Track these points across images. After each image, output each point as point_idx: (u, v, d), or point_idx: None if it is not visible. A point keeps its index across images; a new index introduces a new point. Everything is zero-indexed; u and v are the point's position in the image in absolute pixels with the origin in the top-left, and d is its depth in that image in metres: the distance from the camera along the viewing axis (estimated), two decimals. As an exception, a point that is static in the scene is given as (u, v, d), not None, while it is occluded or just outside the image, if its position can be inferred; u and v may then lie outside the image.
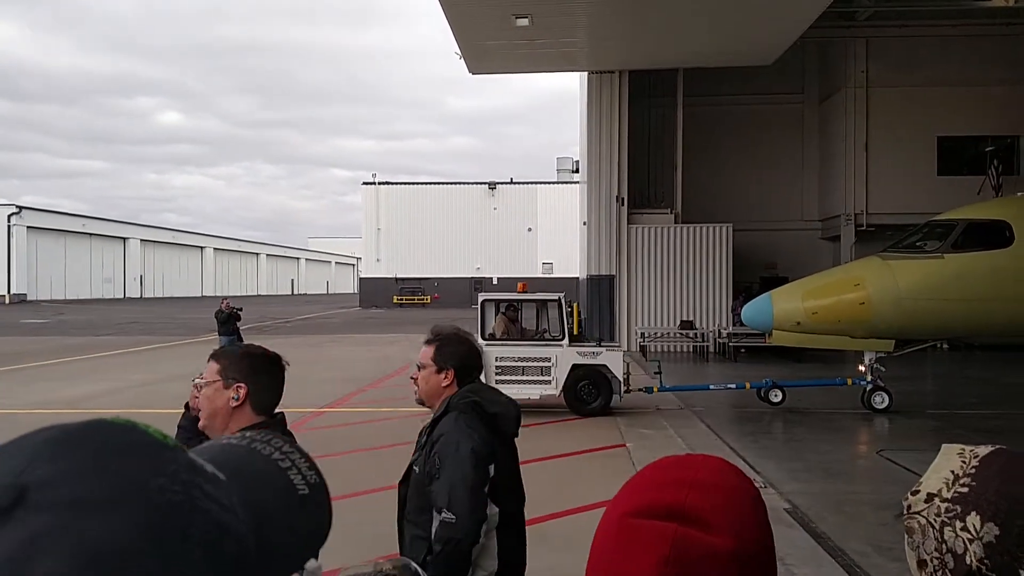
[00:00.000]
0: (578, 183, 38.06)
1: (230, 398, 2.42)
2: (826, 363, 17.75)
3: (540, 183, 70.22)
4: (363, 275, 70.32)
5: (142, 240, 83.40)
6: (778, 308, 12.96)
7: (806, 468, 9.61)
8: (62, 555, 0.50)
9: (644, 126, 25.73)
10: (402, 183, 71.63)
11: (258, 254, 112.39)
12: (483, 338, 13.30)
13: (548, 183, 69.43)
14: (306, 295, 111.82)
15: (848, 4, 23.71)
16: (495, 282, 61.01)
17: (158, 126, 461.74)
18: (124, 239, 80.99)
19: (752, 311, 13.60)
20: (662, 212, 25.28)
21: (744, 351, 21.81)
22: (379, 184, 69.11)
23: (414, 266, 67.36)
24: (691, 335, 23.98)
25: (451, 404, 2.95)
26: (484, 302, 13.80)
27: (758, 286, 22.38)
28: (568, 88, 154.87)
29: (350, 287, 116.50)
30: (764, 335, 14.29)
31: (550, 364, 12.97)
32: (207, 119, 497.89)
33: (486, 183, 69.63)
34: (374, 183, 69.04)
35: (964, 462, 0.99)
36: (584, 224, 26.66)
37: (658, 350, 23.50)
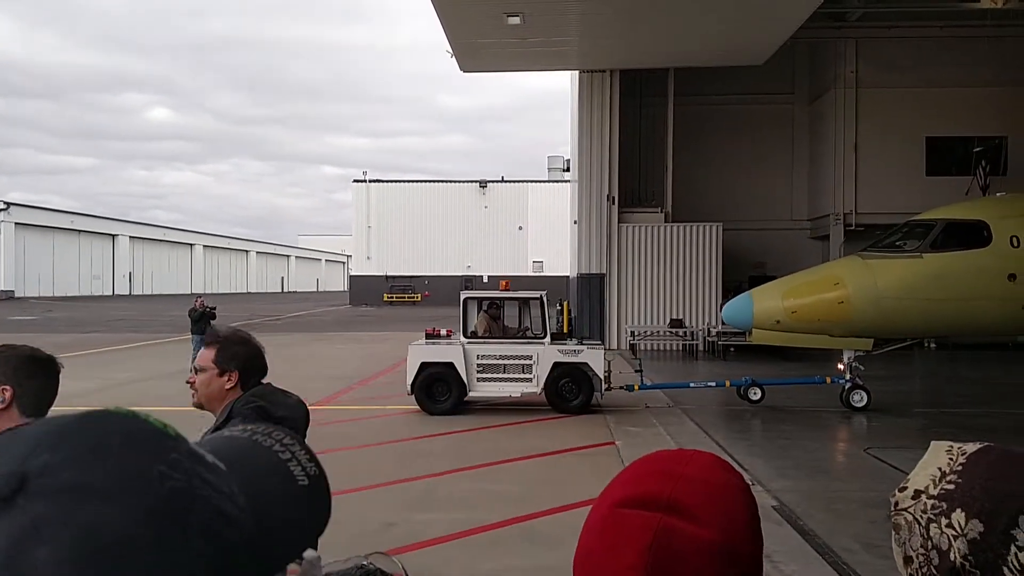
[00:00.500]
0: (569, 182, 38.09)
1: None
2: (814, 362, 17.83)
3: (531, 182, 70.33)
4: (353, 273, 70.15)
5: (131, 237, 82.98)
6: (758, 307, 12.98)
7: (794, 466, 9.66)
8: (64, 541, 0.51)
9: (635, 125, 25.78)
10: (393, 181, 71.53)
11: (247, 251, 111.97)
12: (465, 336, 13.24)
13: (539, 182, 69.61)
14: (296, 293, 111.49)
15: (838, 5, 23.80)
16: (485, 280, 60.99)
17: (147, 122, 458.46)
18: (113, 236, 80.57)
19: (732, 310, 13.61)
20: (652, 211, 25.35)
21: (733, 349, 21.90)
22: (370, 182, 69.00)
23: (404, 264, 67.29)
24: (681, 334, 24.09)
25: (234, 410, 2.78)
26: (467, 300, 13.67)
27: (747, 285, 22.41)
28: (559, 87, 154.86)
29: (340, 285, 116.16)
30: (744, 334, 14.29)
31: (531, 362, 12.96)
32: (197, 116, 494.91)
33: (477, 181, 69.60)
34: (365, 181, 68.92)
35: (952, 459, 0.99)
36: (575, 223, 26.68)
37: (648, 348, 23.60)
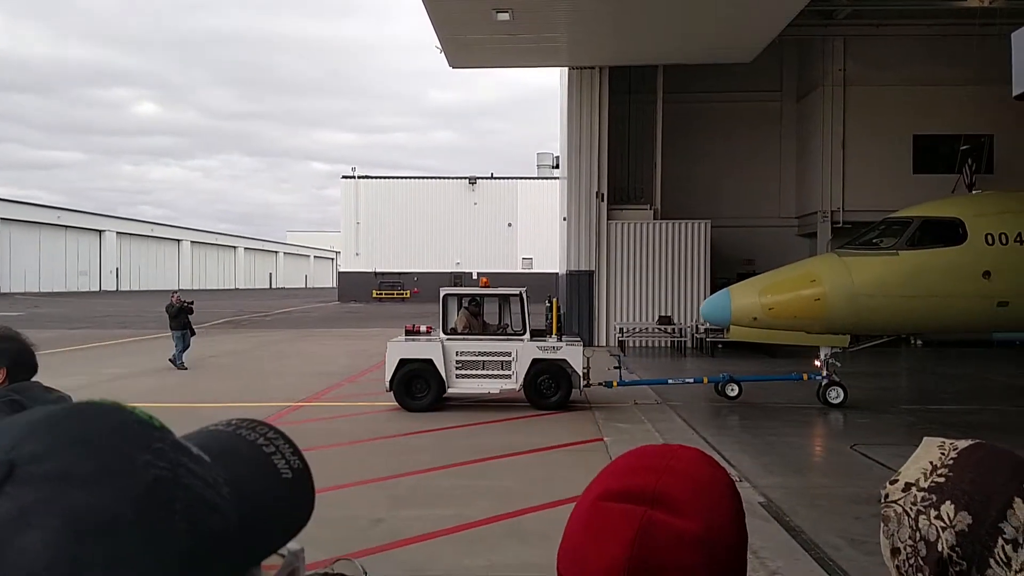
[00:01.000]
0: (558, 179, 38.13)
1: None
2: (800, 358, 17.90)
3: (520, 178, 70.29)
4: (342, 269, 69.94)
5: (118, 233, 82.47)
6: (736, 304, 13.03)
7: (781, 462, 9.71)
8: (51, 527, 0.52)
9: (624, 122, 25.81)
10: (382, 177, 71.33)
11: (236, 247, 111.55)
12: (444, 332, 13.19)
13: (528, 178, 69.56)
14: (284, 289, 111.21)
15: (826, 3, 23.91)
16: (474, 276, 60.96)
17: (135, 117, 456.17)
18: (100, 231, 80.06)
19: (711, 306, 13.66)
20: (641, 208, 25.41)
21: (721, 346, 21.99)
22: (358, 178, 68.80)
23: (393, 260, 67.16)
24: (669, 330, 24.17)
25: None
26: (446, 296, 13.62)
27: (735, 282, 22.52)
28: (549, 84, 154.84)
29: (329, 281, 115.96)
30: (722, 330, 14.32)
31: (510, 358, 12.95)
32: (185, 111, 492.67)
33: (466, 178, 69.54)
34: (353, 177, 68.71)
35: (943, 454, 1.01)
36: (564, 220, 26.73)
37: (637, 345, 23.68)
